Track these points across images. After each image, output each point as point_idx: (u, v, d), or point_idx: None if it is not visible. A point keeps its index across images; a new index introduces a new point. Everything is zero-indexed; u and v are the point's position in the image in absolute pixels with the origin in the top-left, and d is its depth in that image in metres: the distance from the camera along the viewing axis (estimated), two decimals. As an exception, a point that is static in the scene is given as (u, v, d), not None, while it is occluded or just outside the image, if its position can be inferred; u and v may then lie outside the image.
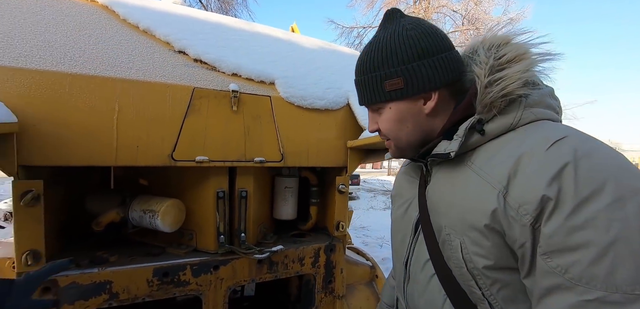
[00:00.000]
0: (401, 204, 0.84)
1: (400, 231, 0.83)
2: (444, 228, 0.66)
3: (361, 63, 0.73)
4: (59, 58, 1.13)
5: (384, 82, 0.69)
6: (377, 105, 0.73)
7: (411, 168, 0.85)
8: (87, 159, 1.11)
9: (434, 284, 0.70)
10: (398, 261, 0.84)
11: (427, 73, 0.66)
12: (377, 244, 5.62)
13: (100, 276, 1.17)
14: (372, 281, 2.01)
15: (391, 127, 0.72)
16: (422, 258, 0.73)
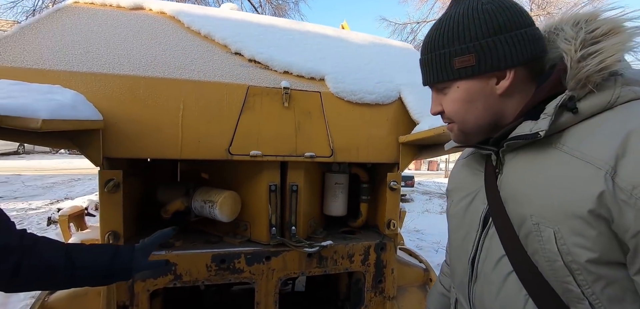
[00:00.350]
0: (462, 198, 0.77)
1: (463, 226, 0.76)
2: (529, 217, 0.59)
3: (429, 40, 0.69)
4: (136, 65, 1.28)
5: (453, 59, 0.64)
6: (442, 84, 0.68)
7: (473, 160, 0.78)
8: (157, 152, 1.24)
9: (511, 283, 0.63)
10: (459, 259, 0.77)
11: (503, 49, 0.61)
12: (432, 249, 5.34)
13: (167, 257, 1.29)
14: (425, 285, 1.91)
15: (458, 108, 0.67)
16: (495, 254, 0.66)
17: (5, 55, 1.20)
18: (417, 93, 1.53)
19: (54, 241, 0.83)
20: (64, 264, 0.79)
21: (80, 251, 0.84)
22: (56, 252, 0.79)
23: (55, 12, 1.52)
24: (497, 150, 0.69)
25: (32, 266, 0.75)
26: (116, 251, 0.88)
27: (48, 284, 0.81)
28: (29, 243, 0.77)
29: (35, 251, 0.77)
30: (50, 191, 8.31)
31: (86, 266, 0.83)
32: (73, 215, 2.30)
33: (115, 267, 0.86)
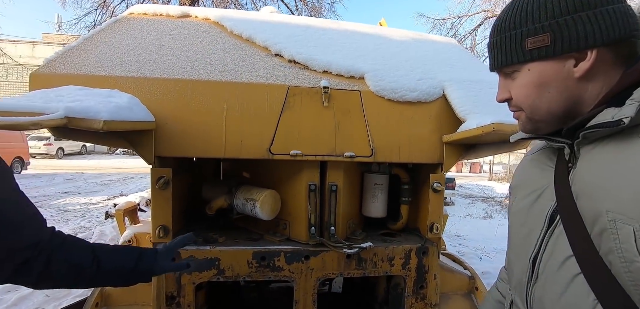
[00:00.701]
0: (527, 194, 0.71)
1: (526, 224, 0.70)
2: (605, 213, 0.53)
3: (499, 22, 0.64)
4: (184, 69, 1.35)
5: (524, 39, 0.60)
6: (511, 68, 0.63)
7: (543, 155, 0.72)
8: (203, 151, 1.30)
9: (578, 285, 0.57)
10: (519, 258, 0.71)
11: (583, 28, 0.55)
12: (475, 255, 5.05)
13: (211, 253, 1.34)
14: (470, 293, 1.80)
15: (528, 92, 0.62)
16: (561, 254, 0.60)
17: (72, 64, 1.32)
18: (463, 89, 1.45)
19: (81, 241, 0.86)
20: (89, 264, 0.81)
21: (107, 252, 0.87)
22: (83, 251, 0.82)
23: (113, 24, 1.66)
24: (571, 143, 0.62)
25: (60, 264, 0.77)
26: (140, 254, 0.91)
27: (74, 283, 0.84)
28: (58, 241, 0.80)
29: (63, 249, 0.79)
30: (108, 188, 9.11)
31: (111, 268, 0.85)
32: (127, 210, 2.48)
33: (139, 269, 0.89)
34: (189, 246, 1.33)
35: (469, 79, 1.53)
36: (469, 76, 1.56)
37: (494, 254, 5.17)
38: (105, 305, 1.46)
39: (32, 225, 0.75)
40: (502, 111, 1.37)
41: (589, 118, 0.57)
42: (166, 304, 1.35)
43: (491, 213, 8.75)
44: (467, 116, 1.35)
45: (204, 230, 1.55)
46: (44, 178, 10.13)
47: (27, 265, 0.73)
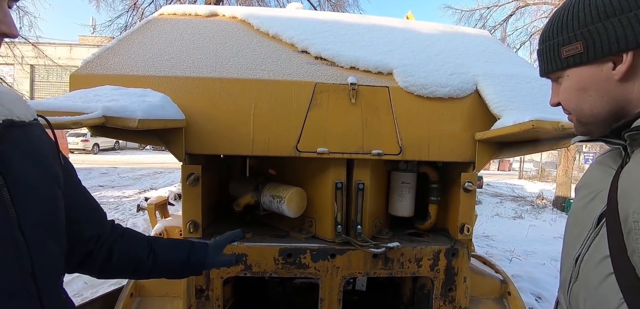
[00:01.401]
0: (584, 195, 0.73)
1: (578, 225, 0.72)
2: (631, 215, 0.55)
3: (543, 32, 0.70)
4: (212, 67, 1.37)
5: (560, 48, 0.65)
6: (556, 74, 0.69)
7: (609, 157, 0.72)
8: (231, 149, 1.32)
9: (609, 285, 0.58)
10: (568, 257, 0.73)
11: (615, 33, 0.58)
12: (504, 257, 4.85)
13: (239, 248, 1.36)
14: (502, 298, 1.73)
15: (570, 97, 0.66)
16: (599, 254, 0.62)
17: (107, 65, 1.38)
18: (498, 84, 1.38)
19: (139, 234, 0.89)
20: (147, 256, 0.84)
21: (162, 245, 0.90)
22: (141, 244, 0.85)
23: (145, 25, 1.71)
24: (624, 144, 0.62)
25: (120, 256, 0.80)
26: (192, 247, 0.93)
27: (133, 274, 0.89)
28: (118, 233, 0.83)
29: (123, 242, 0.82)
30: (139, 182, 9.55)
31: (166, 260, 0.88)
32: (158, 204, 2.58)
33: (191, 262, 0.91)
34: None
35: (504, 73, 1.45)
36: (503, 70, 1.49)
37: (525, 256, 4.94)
38: (139, 295, 1.52)
39: (95, 218, 0.79)
40: (540, 107, 1.30)
41: (633, 119, 0.59)
42: (196, 296, 1.39)
43: (521, 213, 8.38)
44: (503, 112, 1.28)
45: (232, 226, 1.58)
46: (81, 172, 10.63)
47: (91, 257, 0.76)
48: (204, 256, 0.94)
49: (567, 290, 0.70)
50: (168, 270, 0.91)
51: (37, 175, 0.61)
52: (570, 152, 9.66)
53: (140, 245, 0.85)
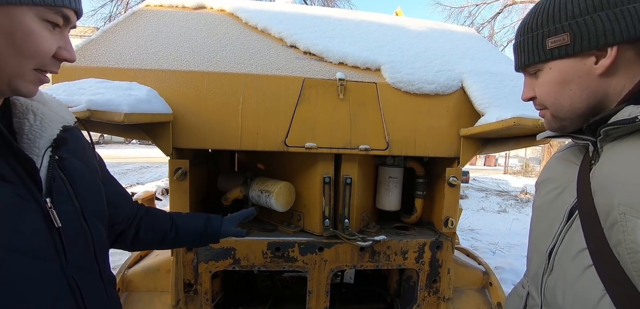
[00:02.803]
0: (551, 190, 0.74)
1: (547, 219, 0.73)
2: (616, 207, 0.55)
3: (523, 24, 0.69)
4: (200, 61, 1.36)
5: (546, 39, 0.63)
6: (534, 67, 0.67)
7: (571, 153, 0.74)
8: (219, 143, 1.31)
9: (588, 277, 0.60)
10: (537, 251, 0.74)
11: (602, 26, 0.58)
12: (488, 250, 4.98)
13: (227, 242, 1.37)
14: (484, 288, 1.79)
15: (550, 90, 0.66)
16: (575, 247, 0.63)
17: (91, 56, 1.35)
18: (482, 82, 1.41)
19: (161, 212, 1.01)
20: (169, 230, 0.97)
21: (182, 218, 1.02)
22: (164, 219, 0.98)
23: (130, 16, 1.68)
24: (594, 140, 0.64)
25: (147, 232, 0.93)
26: (208, 219, 1.05)
27: (160, 244, 1.00)
28: (143, 212, 0.95)
29: (148, 220, 0.94)
30: (125, 177, 9.35)
31: (187, 231, 1.01)
32: (145, 199, 2.54)
33: (208, 231, 1.03)
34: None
35: (489, 71, 1.49)
36: (488, 68, 1.52)
37: (508, 249, 5.09)
38: (126, 290, 1.51)
39: (124, 202, 0.89)
40: (522, 104, 1.34)
41: (610, 115, 0.59)
42: (184, 291, 1.39)
43: (506, 208, 8.60)
44: (486, 109, 1.31)
45: None
46: (64, 165, 10.45)
47: (123, 235, 0.89)
48: (219, 226, 1.05)
49: (541, 284, 0.72)
50: (189, 240, 1.05)
51: (85, 171, 0.71)
52: (553, 148, 9.94)
53: (163, 220, 0.98)
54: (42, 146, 0.60)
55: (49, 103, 0.65)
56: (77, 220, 0.63)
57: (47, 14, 0.54)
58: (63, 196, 0.62)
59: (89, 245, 0.66)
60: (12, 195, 0.53)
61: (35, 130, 0.60)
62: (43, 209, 0.57)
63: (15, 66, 0.53)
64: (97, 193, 0.73)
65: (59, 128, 0.63)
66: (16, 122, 0.60)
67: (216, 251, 1.37)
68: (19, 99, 0.62)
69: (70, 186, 0.64)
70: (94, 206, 0.70)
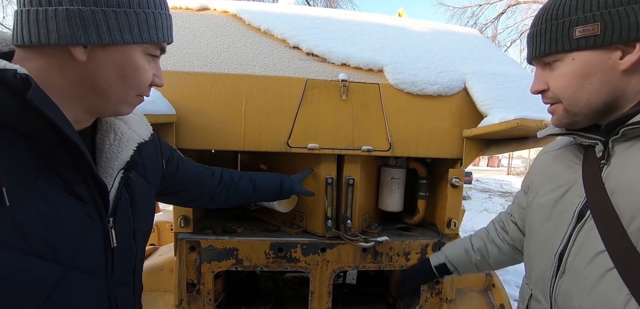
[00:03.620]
0: (551, 190, 0.72)
1: (550, 220, 0.71)
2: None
3: (544, 11, 0.64)
4: (203, 62, 1.36)
5: (573, 27, 0.60)
6: (553, 57, 0.64)
7: (569, 151, 0.72)
8: (222, 144, 1.32)
9: (610, 280, 0.57)
10: (541, 254, 0.72)
11: (635, 19, 0.55)
12: (492, 250, 4.96)
13: (229, 243, 1.38)
14: (487, 290, 1.78)
15: (569, 83, 0.62)
16: (591, 249, 0.60)
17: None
18: (485, 82, 1.41)
19: (243, 173, 1.18)
20: (252, 190, 1.18)
21: (261, 179, 1.21)
22: (247, 182, 1.17)
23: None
24: (605, 140, 0.62)
25: (234, 193, 1.13)
26: (281, 179, 1.27)
27: (246, 201, 1.20)
28: (228, 180, 1.12)
29: (234, 183, 1.13)
30: (128, 176, 9.38)
31: (265, 190, 1.22)
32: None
33: (283, 189, 1.26)
34: (208, 236, 1.39)
35: (492, 72, 1.48)
36: (491, 68, 1.52)
37: (512, 250, 5.06)
38: (129, 290, 1.52)
39: (201, 182, 1.03)
40: (526, 105, 1.34)
41: (629, 115, 0.57)
42: (187, 291, 1.40)
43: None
44: (489, 110, 1.31)
45: (223, 220, 1.59)
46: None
47: (213, 199, 1.08)
48: (292, 184, 1.29)
49: (551, 286, 0.69)
50: (268, 196, 1.26)
51: (146, 190, 0.75)
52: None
53: (247, 183, 1.17)
54: (116, 167, 0.63)
55: (130, 121, 0.69)
56: (129, 238, 0.66)
57: (150, 48, 0.61)
58: (124, 216, 0.65)
59: (132, 261, 0.69)
60: (84, 216, 0.56)
61: (113, 150, 0.64)
62: (105, 228, 0.60)
63: (122, 94, 0.60)
64: (149, 211, 0.77)
65: (133, 148, 0.67)
66: (99, 138, 0.64)
67: (219, 252, 1.38)
68: (105, 118, 0.66)
69: (130, 205, 0.67)
70: (144, 224, 0.73)
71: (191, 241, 1.37)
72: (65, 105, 0.54)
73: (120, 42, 0.55)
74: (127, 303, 0.69)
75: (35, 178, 0.49)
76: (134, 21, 0.56)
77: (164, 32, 0.62)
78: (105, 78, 0.56)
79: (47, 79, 0.53)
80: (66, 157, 0.53)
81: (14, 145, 0.48)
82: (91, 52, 0.54)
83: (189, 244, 1.37)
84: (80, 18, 0.51)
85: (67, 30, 0.50)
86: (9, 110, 0.47)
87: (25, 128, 0.49)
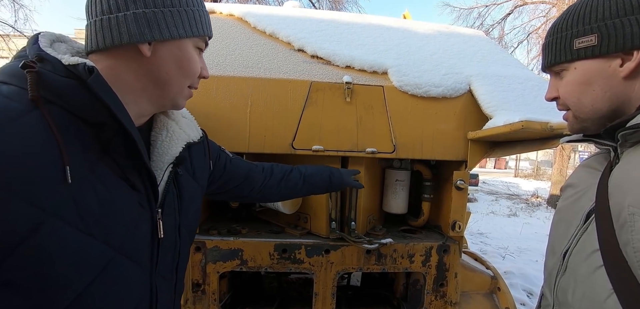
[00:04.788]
0: (571, 194, 0.76)
1: (565, 221, 0.75)
2: (626, 208, 0.57)
3: (553, 25, 0.72)
4: (210, 65, 1.38)
5: (573, 39, 0.66)
6: (560, 67, 0.70)
7: (595, 160, 0.76)
8: (228, 146, 1.31)
9: (598, 277, 0.61)
10: (554, 253, 0.76)
11: (631, 29, 0.60)
12: (498, 254, 4.91)
13: (234, 243, 1.39)
14: (492, 293, 1.77)
15: (573, 90, 0.68)
16: (588, 248, 0.64)
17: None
18: (490, 85, 1.40)
19: (293, 167, 1.18)
20: (302, 184, 1.16)
21: (310, 172, 1.20)
22: (296, 175, 1.16)
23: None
24: (615, 145, 0.65)
25: (286, 185, 1.13)
26: (331, 172, 1.24)
27: (295, 194, 1.20)
28: (278, 172, 1.13)
29: (284, 177, 1.13)
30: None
31: (314, 182, 1.20)
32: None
33: (332, 182, 1.23)
34: (213, 237, 1.40)
35: (497, 74, 1.48)
36: (496, 70, 1.51)
37: (518, 253, 5.01)
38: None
39: (250, 179, 1.06)
40: (531, 108, 1.33)
41: (627, 120, 0.60)
42: (192, 290, 1.42)
43: (516, 211, 8.47)
44: (494, 112, 1.31)
45: (228, 221, 1.60)
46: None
47: (265, 190, 1.10)
48: (341, 176, 1.25)
49: (554, 284, 0.73)
50: (317, 189, 1.23)
51: (194, 189, 0.78)
52: (566, 151, 9.76)
53: (296, 176, 1.16)
54: (166, 161, 0.68)
55: (180, 122, 0.75)
56: (174, 233, 0.70)
57: (198, 42, 0.68)
58: (170, 209, 0.68)
59: (175, 257, 0.72)
60: (136, 204, 0.60)
61: (165, 146, 0.69)
62: (153, 219, 0.63)
63: (180, 85, 0.67)
64: (196, 211, 0.80)
65: (182, 145, 0.72)
66: (153, 134, 0.70)
67: (224, 252, 1.40)
68: (159, 116, 0.72)
69: (178, 201, 0.71)
70: (190, 222, 0.77)
71: (197, 242, 1.39)
72: (132, 98, 0.62)
73: (177, 37, 0.62)
74: (168, 298, 0.71)
75: (96, 163, 0.54)
76: (185, 18, 0.63)
77: (208, 26, 0.70)
78: (167, 69, 0.64)
79: (117, 75, 0.60)
80: (122, 146, 0.58)
81: (81, 132, 0.53)
82: (154, 48, 0.61)
83: (194, 244, 1.39)
84: (145, 19, 0.59)
85: (136, 30, 0.58)
86: (81, 101, 0.53)
87: (92, 118, 0.54)
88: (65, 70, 0.52)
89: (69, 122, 0.52)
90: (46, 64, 0.52)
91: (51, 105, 0.50)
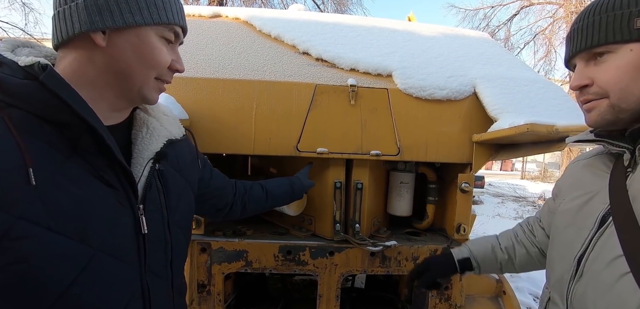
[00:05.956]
0: (577, 196, 0.73)
1: (574, 225, 0.72)
2: None
3: (597, 5, 0.63)
4: (216, 68, 1.40)
5: (633, 18, 0.58)
6: (606, 47, 0.62)
7: (599, 161, 0.73)
8: (233, 148, 1.35)
9: (625, 284, 0.58)
10: (562, 258, 0.73)
11: None
12: (504, 257, 4.86)
13: (239, 245, 1.40)
14: (497, 297, 1.76)
15: (622, 75, 0.60)
16: (609, 254, 0.61)
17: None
18: (495, 87, 1.40)
19: (256, 184, 1.19)
20: (265, 198, 1.18)
21: (272, 185, 1.22)
22: (259, 191, 1.17)
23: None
24: (632, 148, 0.62)
25: (250, 202, 1.13)
26: (291, 181, 1.28)
27: (260, 210, 1.19)
28: (242, 189, 1.12)
29: (247, 194, 1.13)
30: (142, 178, 9.57)
31: (277, 194, 1.22)
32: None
33: (294, 190, 1.26)
34: (218, 238, 1.42)
35: (502, 76, 1.48)
36: (502, 73, 1.51)
37: (525, 256, 4.95)
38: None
39: (226, 192, 1.05)
40: (536, 110, 1.33)
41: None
42: (198, 291, 1.43)
43: (523, 214, 8.38)
44: (499, 115, 1.30)
45: (233, 223, 1.62)
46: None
47: (232, 210, 1.09)
48: (301, 183, 1.29)
49: (567, 289, 0.70)
50: (281, 201, 1.26)
51: (182, 185, 0.78)
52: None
53: (259, 192, 1.17)
54: (146, 157, 0.67)
55: (161, 119, 0.75)
56: (161, 229, 0.69)
57: (163, 31, 0.65)
58: (154, 205, 0.67)
59: (167, 253, 0.71)
60: (115, 202, 0.59)
61: (145, 143, 0.69)
62: (135, 215, 0.62)
63: (142, 76, 0.64)
64: (186, 206, 0.79)
65: (163, 142, 0.71)
66: (134, 133, 0.70)
67: (229, 253, 1.41)
68: (139, 113, 0.72)
69: (163, 196, 0.70)
70: (180, 217, 0.76)
71: (202, 243, 1.40)
72: (98, 93, 0.61)
73: (132, 24, 0.60)
74: (164, 295, 0.70)
75: (64, 163, 0.54)
76: (143, 4, 0.61)
77: (173, 14, 0.66)
78: (126, 59, 0.61)
79: (79, 69, 0.59)
80: (92, 144, 0.57)
81: (45, 133, 0.53)
82: (110, 38, 0.59)
83: (199, 245, 1.40)
84: (96, 6, 0.57)
85: (86, 17, 0.57)
86: (40, 101, 0.52)
87: (54, 117, 0.53)
88: (23, 71, 0.52)
89: (31, 124, 0.51)
90: (4, 68, 0.52)
91: (12, 109, 0.50)
